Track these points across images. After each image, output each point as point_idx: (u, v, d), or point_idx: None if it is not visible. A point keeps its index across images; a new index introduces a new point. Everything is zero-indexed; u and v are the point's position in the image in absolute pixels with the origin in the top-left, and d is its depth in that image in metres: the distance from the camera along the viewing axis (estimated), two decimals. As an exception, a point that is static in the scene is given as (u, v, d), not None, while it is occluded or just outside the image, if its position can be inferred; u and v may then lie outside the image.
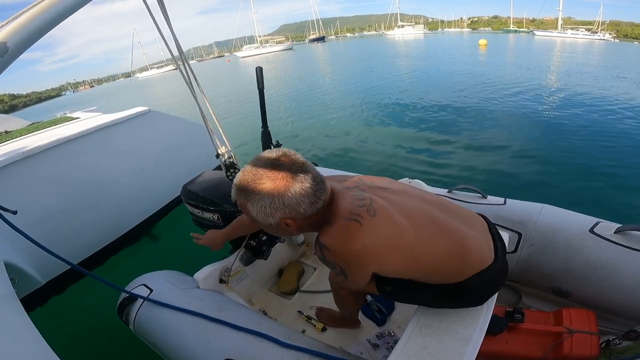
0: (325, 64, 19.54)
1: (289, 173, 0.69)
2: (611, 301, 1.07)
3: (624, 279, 1.03)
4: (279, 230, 0.77)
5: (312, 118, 6.23)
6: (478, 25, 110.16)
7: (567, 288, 1.15)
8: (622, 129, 4.17)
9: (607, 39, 34.47)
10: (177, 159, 2.94)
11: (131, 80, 61.10)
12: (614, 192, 2.66)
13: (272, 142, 1.46)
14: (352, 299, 1.19)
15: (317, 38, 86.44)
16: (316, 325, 1.43)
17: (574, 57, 14.25)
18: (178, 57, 1.27)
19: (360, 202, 0.76)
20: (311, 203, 0.71)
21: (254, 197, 0.70)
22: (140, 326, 1.22)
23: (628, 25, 58.79)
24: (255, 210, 0.71)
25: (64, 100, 47.84)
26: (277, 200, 0.69)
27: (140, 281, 1.32)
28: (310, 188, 0.70)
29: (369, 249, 0.73)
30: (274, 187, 0.68)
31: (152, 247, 2.71)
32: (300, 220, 0.74)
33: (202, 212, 1.38)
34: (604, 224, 1.16)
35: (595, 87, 6.84)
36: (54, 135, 2.42)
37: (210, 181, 1.44)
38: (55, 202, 2.18)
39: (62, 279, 2.18)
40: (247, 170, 0.71)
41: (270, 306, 1.59)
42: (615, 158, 3.33)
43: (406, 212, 0.79)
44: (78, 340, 1.79)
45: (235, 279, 1.49)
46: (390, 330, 1.37)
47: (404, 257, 0.78)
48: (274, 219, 0.72)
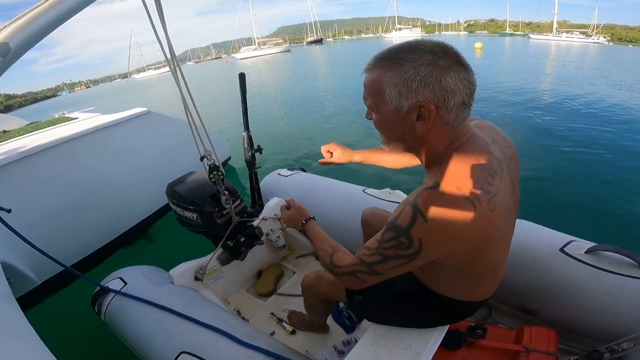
0: (320, 66, 19.55)
1: (455, 60, 0.57)
2: (576, 321, 1.07)
3: (590, 300, 1.02)
4: (399, 122, 0.62)
5: (301, 122, 6.23)
6: (475, 29, 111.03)
7: (533, 306, 1.14)
8: (611, 142, 4.01)
9: (601, 42, 34.88)
10: (175, 160, 2.89)
11: (128, 81, 60.90)
12: (594, 209, 2.58)
13: (253, 147, 1.50)
14: (323, 307, 1.19)
15: (315, 40, 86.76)
16: (286, 327, 1.45)
17: (566, 61, 14.37)
18: (171, 59, 1.30)
19: (487, 185, 0.61)
20: (462, 104, 0.58)
21: (405, 65, 0.57)
22: (111, 317, 1.26)
23: (622, 29, 59.48)
24: (396, 80, 0.58)
25: (59, 100, 47.58)
26: (435, 75, 0.55)
27: (117, 274, 1.37)
28: (471, 85, 0.58)
29: (464, 240, 0.61)
30: (436, 61, 0.56)
31: (148, 248, 2.72)
32: (437, 120, 0.59)
33: (182, 211, 1.42)
34: (576, 242, 1.14)
35: (579, 94, 6.81)
36: (52, 135, 2.41)
37: (194, 182, 1.49)
38: (53, 203, 2.18)
39: (58, 279, 2.17)
40: (399, 44, 0.59)
41: (245, 306, 1.61)
42: (600, 173, 3.19)
43: (512, 216, 0.72)
44: (73, 340, 1.81)
45: (211, 277, 1.52)
46: (357, 337, 1.36)
47: (473, 261, 0.68)
48: (412, 100, 0.58)
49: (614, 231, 2.27)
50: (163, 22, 1.20)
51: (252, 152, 1.45)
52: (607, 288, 1.01)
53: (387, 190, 1.63)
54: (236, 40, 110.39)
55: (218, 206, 1.38)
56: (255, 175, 1.54)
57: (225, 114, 7.44)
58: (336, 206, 1.69)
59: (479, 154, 0.63)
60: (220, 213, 1.39)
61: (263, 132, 5.50)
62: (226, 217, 1.41)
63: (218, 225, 1.40)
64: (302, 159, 4.18)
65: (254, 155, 1.46)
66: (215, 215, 1.39)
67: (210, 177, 1.29)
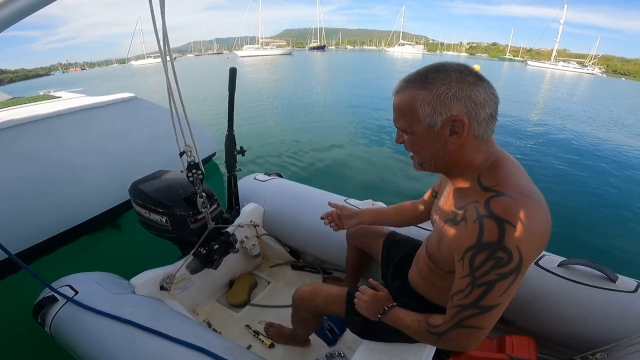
0: (319, 73, 19.57)
1: (479, 77, 0.62)
2: (552, 330, 1.11)
3: (564, 310, 1.08)
4: (433, 139, 0.64)
5: (286, 126, 6.10)
6: (476, 51, 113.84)
7: (510, 317, 1.17)
8: (579, 166, 4.35)
9: (595, 74, 36.14)
10: (157, 151, 2.79)
11: (125, 67, 59.85)
12: (562, 226, 2.72)
13: (235, 148, 1.41)
14: (313, 321, 1.14)
15: (318, 46, 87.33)
16: (264, 341, 1.36)
17: (556, 91, 14.83)
18: (163, 48, 1.21)
19: (532, 186, 0.63)
20: (491, 116, 0.62)
21: (436, 83, 0.60)
22: (59, 329, 1.12)
23: (619, 61, 61.82)
24: (429, 98, 0.60)
25: (50, 80, 46.46)
26: (465, 89, 0.59)
27: (64, 281, 1.22)
28: (497, 100, 0.62)
29: (547, 230, 0.61)
30: (463, 78, 0.60)
31: (105, 243, 2.55)
32: (469, 133, 0.61)
33: (149, 213, 1.30)
34: (549, 257, 1.20)
35: (560, 122, 7.16)
36: (30, 111, 2.30)
37: (163, 181, 1.37)
38: (16, 182, 2.05)
39: (8, 265, 2.03)
40: (427, 66, 0.63)
41: (215, 318, 1.51)
42: (568, 193, 3.44)
43: None
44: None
45: (179, 286, 1.41)
46: (340, 351, 1.32)
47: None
48: (445, 115, 0.60)
49: (579, 246, 2.47)
50: (163, 12, 1.12)
51: (234, 154, 1.36)
52: (579, 299, 1.07)
53: (369, 201, 1.57)
54: (240, 38, 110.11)
55: (192, 210, 1.27)
56: (235, 178, 1.44)
57: (219, 108, 7.30)
58: (318, 215, 1.60)
59: (513, 162, 0.66)
60: (195, 218, 1.28)
61: (242, 131, 5.36)
62: (201, 223, 1.31)
63: (191, 230, 1.30)
64: (280, 164, 4.07)
65: (235, 157, 1.37)
66: (188, 220, 1.28)
67: (188, 175, 1.19)
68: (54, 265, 2.22)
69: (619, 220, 2.93)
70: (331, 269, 1.69)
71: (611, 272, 1.09)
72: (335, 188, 1.91)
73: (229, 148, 1.36)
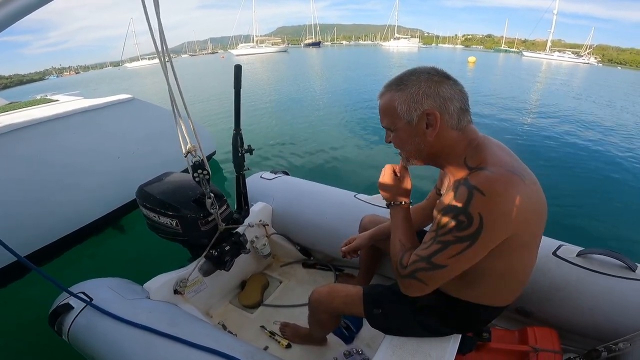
0: (316, 70, 19.48)
1: (446, 77, 0.71)
2: (572, 321, 1.10)
3: (585, 300, 1.07)
4: (416, 132, 0.72)
5: (287, 124, 6.06)
6: (471, 43, 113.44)
7: (530, 308, 1.17)
8: (591, 155, 4.29)
9: (591, 63, 36.08)
10: (156, 151, 2.83)
11: (119, 70, 59.42)
12: (577, 216, 2.70)
13: (242, 147, 1.38)
14: (330, 322, 1.12)
15: (313, 43, 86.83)
16: (280, 341, 1.35)
17: (554, 80, 14.82)
18: (160, 49, 1.18)
19: (518, 164, 0.69)
20: (461, 109, 0.71)
21: (408, 84, 0.70)
22: (77, 337, 1.11)
23: (614, 50, 61.72)
24: (404, 98, 0.70)
25: (46, 84, 46.08)
26: (433, 87, 0.69)
27: (79, 288, 1.20)
28: (463, 94, 0.71)
29: (526, 208, 0.64)
30: (431, 78, 0.70)
31: (109, 247, 2.54)
32: (443, 125, 0.70)
33: (158, 217, 1.28)
34: (566, 246, 1.19)
35: (565, 109, 7.12)
36: (28, 115, 2.29)
37: (171, 183, 1.34)
38: (20, 186, 2.05)
39: (16, 270, 1.99)
40: (403, 72, 0.74)
41: (230, 320, 1.49)
42: (580, 183, 3.40)
43: (544, 205, 0.73)
44: (7, 341, 1.66)
45: (192, 290, 1.39)
46: (358, 348, 1.30)
47: (524, 246, 0.70)
48: (419, 110, 0.69)
49: (597, 236, 2.40)
50: (157, 12, 1.09)
51: (242, 153, 1.33)
52: (600, 289, 1.06)
53: (379, 195, 1.55)
54: (234, 37, 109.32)
55: (202, 212, 1.25)
56: (243, 178, 1.42)
57: (215, 107, 7.27)
58: (328, 212, 1.60)
59: (498, 144, 0.73)
60: (206, 220, 1.26)
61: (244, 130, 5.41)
62: (212, 224, 1.28)
63: (202, 233, 1.28)
64: (284, 161, 4.04)
65: (243, 156, 1.35)
66: (199, 222, 1.26)
67: (195, 176, 1.16)
68: (58, 270, 2.21)
69: (637, 209, 2.89)
70: (343, 265, 1.68)
71: (631, 262, 1.07)
72: (343, 183, 1.89)
73: (236, 147, 1.33)
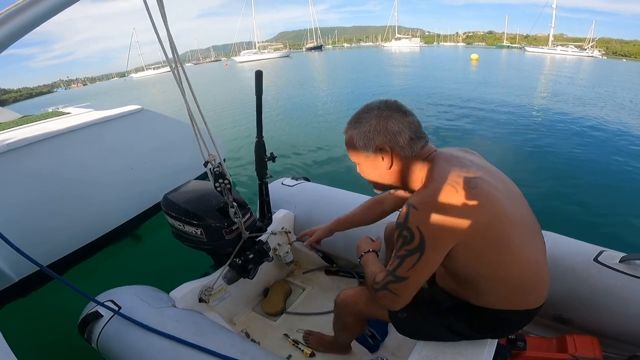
0: (320, 74, 19.56)
1: (397, 110, 0.77)
2: (615, 328, 1.07)
3: (629, 307, 1.04)
4: (374, 165, 0.81)
5: (300, 128, 6.08)
6: (473, 40, 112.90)
7: (569, 315, 1.14)
8: (630, 153, 4.07)
9: (595, 56, 35.60)
10: (168, 160, 2.87)
11: (125, 80, 60.51)
12: (618, 221, 2.58)
13: (266, 154, 1.38)
14: (356, 326, 1.11)
15: (315, 47, 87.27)
16: (304, 350, 1.33)
17: (560, 74, 14.61)
18: (172, 58, 1.19)
19: (464, 173, 0.73)
20: (411, 139, 0.77)
21: (362, 122, 0.78)
22: (106, 345, 1.11)
23: (617, 43, 60.83)
24: (359, 135, 0.79)
25: (55, 97, 47.14)
26: (382, 124, 0.76)
27: (106, 297, 1.21)
28: (412, 125, 0.77)
29: (457, 220, 0.68)
30: (380, 114, 0.77)
31: (128, 255, 2.57)
32: (396, 156, 0.78)
33: (183, 226, 1.28)
34: (608, 252, 1.16)
35: (594, 109, 6.79)
36: (42, 129, 2.33)
37: (194, 192, 1.34)
38: (35, 199, 2.08)
39: (35, 279, 2.06)
40: (361, 108, 0.81)
41: (253, 327, 1.48)
42: (620, 186, 3.23)
43: (515, 206, 0.77)
44: (40, 345, 1.69)
45: (217, 298, 1.39)
46: (383, 357, 1.28)
47: (490, 244, 0.72)
48: (372, 145, 0.78)
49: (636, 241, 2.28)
50: (165, 22, 1.09)
51: (265, 161, 1.32)
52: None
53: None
54: (236, 44, 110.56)
55: (227, 221, 1.24)
56: (266, 186, 1.41)
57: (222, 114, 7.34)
58: None
59: (447, 158, 0.78)
60: (230, 229, 1.26)
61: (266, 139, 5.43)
62: (236, 233, 1.28)
63: (226, 242, 1.27)
64: (303, 167, 4.03)
65: (266, 164, 1.34)
66: (223, 232, 1.25)
67: (216, 185, 1.16)
68: (80, 279, 2.24)
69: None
70: None
71: None
72: (364, 189, 1.89)
73: (259, 155, 1.32)
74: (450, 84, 11.07)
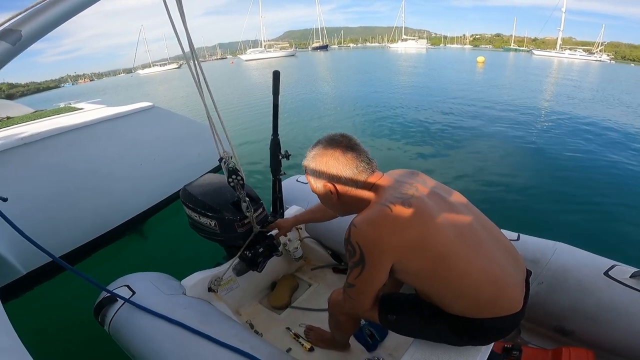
0: (326, 73, 19.60)
1: (339, 148, 0.85)
2: (617, 342, 1.07)
3: (634, 322, 1.04)
4: (325, 197, 0.91)
5: (306, 126, 6.13)
6: (480, 43, 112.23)
7: (571, 328, 1.14)
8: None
9: (603, 60, 35.25)
10: (177, 156, 2.93)
11: (132, 76, 60.87)
12: (634, 234, 2.49)
13: (280, 152, 1.42)
14: (349, 324, 1.14)
15: (320, 46, 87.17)
16: (304, 344, 1.37)
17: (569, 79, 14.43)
18: (189, 54, 1.22)
19: (401, 194, 0.81)
20: (352, 175, 0.85)
21: (310, 162, 0.89)
22: (117, 329, 1.17)
23: (627, 47, 60.16)
24: (309, 172, 0.90)
25: (62, 92, 47.48)
26: (323, 165, 0.86)
27: (123, 282, 1.27)
28: (353, 162, 0.84)
29: (392, 235, 0.76)
30: (325, 154, 0.86)
31: (140, 246, 2.65)
32: (342, 190, 0.87)
33: (199, 217, 1.33)
34: (620, 267, 1.16)
35: (606, 114, 6.61)
36: (55, 123, 2.40)
37: (211, 185, 1.39)
38: (49, 192, 2.14)
39: (43, 271, 2.12)
40: (314, 145, 0.90)
41: (258, 319, 1.53)
42: (634, 196, 3.12)
43: (454, 218, 0.82)
44: (50, 336, 1.74)
45: (225, 288, 1.44)
46: (380, 357, 1.31)
47: (432, 258, 0.77)
48: (320, 182, 0.88)
49: None
50: (183, 16, 1.13)
51: (280, 158, 1.37)
52: None
53: None
54: (242, 42, 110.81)
55: (239, 214, 1.29)
56: (279, 182, 1.45)
57: (232, 113, 7.40)
58: None
59: (389, 181, 0.87)
60: (242, 222, 1.30)
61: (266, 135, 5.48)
62: (247, 227, 1.32)
63: (238, 234, 1.32)
64: None
65: (280, 162, 1.38)
66: (235, 225, 1.30)
67: (229, 181, 1.21)
68: (91, 270, 2.28)
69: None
70: None
71: None
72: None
73: (274, 152, 1.37)
74: (453, 85, 11.15)
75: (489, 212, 0.94)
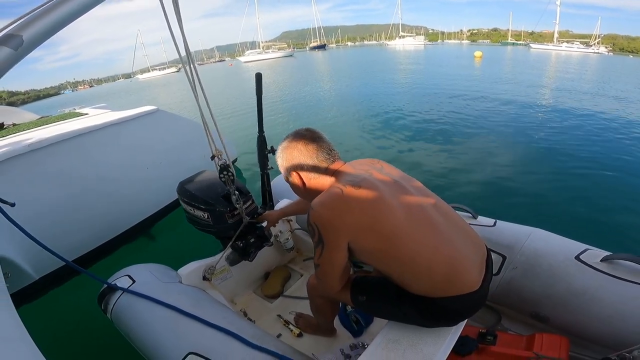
0: (324, 73, 19.65)
1: (303, 140, 0.95)
2: (589, 328, 1.06)
3: (604, 307, 1.03)
4: (295, 186, 1.01)
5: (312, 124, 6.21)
6: (477, 38, 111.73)
7: (545, 313, 1.14)
8: (625, 150, 4.01)
9: (601, 52, 35.11)
10: (182, 159, 2.95)
11: (131, 82, 61.09)
12: (610, 219, 2.55)
13: (267, 148, 1.50)
14: (328, 307, 1.21)
15: (318, 46, 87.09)
16: (293, 330, 1.44)
17: (565, 71, 14.45)
18: (185, 58, 1.30)
19: (353, 177, 0.89)
20: (314, 163, 0.94)
21: (278, 156, 1.01)
22: (117, 316, 1.25)
23: (624, 39, 59.81)
24: (280, 165, 1.01)
25: (62, 99, 47.70)
26: (288, 156, 0.97)
27: (124, 272, 1.36)
28: (314, 152, 0.94)
29: (344, 215, 0.82)
30: (290, 147, 0.96)
31: (153, 245, 2.72)
32: (306, 177, 0.96)
33: (193, 210, 1.42)
34: (592, 251, 1.16)
35: (584, 104, 6.75)
36: (61, 129, 2.42)
37: (206, 181, 1.48)
38: (57, 197, 2.18)
39: (56, 276, 2.17)
40: (283, 140, 1.00)
41: (251, 307, 1.61)
42: (613, 183, 3.20)
43: (406, 201, 0.88)
44: (65, 339, 1.79)
45: (219, 277, 1.52)
46: (364, 342, 1.36)
47: (383, 238, 0.82)
48: (287, 172, 0.99)
49: (628, 240, 2.27)
50: (179, 21, 1.21)
51: (266, 153, 1.45)
52: (622, 296, 1.02)
53: None
54: (240, 44, 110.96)
55: (229, 206, 1.38)
56: (267, 177, 1.54)
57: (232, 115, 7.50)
58: None
59: (348, 169, 0.96)
60: (232, 213, 1.39)
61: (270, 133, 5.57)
62: (237, 218, 1.41)
63: (229, 225, 1.40)
64: None
65: (267, 157, 1.47)
66: (226, 215, 1.38)
67: (221, 176, 1.30)
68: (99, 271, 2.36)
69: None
70: (361, 262, 1.77)
71: None
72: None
73: (260, 148, 1.45)
74: (449, 80, 11.25)
75: (467, 199, 0.99)
